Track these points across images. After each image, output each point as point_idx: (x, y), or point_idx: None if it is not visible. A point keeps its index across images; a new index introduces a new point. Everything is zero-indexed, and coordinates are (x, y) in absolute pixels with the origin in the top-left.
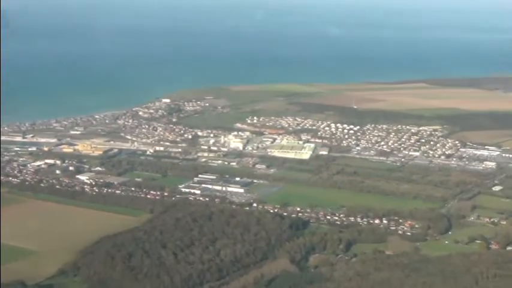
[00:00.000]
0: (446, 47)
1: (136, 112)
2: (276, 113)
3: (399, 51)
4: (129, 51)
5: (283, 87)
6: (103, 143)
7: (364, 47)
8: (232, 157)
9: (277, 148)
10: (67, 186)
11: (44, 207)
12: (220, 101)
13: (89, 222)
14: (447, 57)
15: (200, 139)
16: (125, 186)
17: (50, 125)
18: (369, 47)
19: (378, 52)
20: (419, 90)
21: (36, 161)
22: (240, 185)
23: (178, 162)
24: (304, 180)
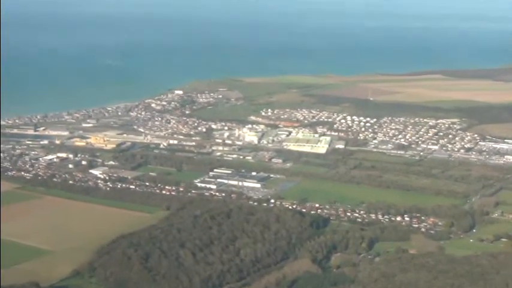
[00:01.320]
0: (454, 37)
1: (148, 104)
2: (291, 105)
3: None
4: (139, 41)
5: (297, 79)
6: (116, 136)
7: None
8: (247, 151)
9: (293, 141)
10: (80, 182)
11: (57, 204)
12: (233, 93)
13: (104, 220)
14: (457, 47)
15: (214, 132)
16: (139, 181)
17: (62, 117)
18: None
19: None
20: (434, 81)
21: (48, 154)
22: (257, 180)
23: (193, 156)
24: (321, 174)
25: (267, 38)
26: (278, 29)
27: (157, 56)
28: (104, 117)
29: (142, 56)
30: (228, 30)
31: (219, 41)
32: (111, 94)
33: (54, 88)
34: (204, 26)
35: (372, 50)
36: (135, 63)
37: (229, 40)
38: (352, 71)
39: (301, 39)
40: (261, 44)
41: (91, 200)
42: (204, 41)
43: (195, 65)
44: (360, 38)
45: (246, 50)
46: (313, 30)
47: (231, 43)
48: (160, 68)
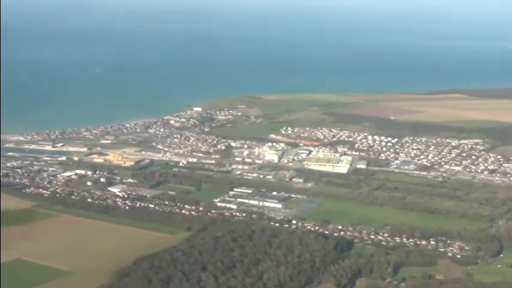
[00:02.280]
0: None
1: (167, 121)
2: (311, 123)
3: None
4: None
5: (317, 97)
6: (134, 153)
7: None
8: (267, 170)
9: (314, 161)
10: (99, 200)
11: (76, 223)
12: (252, 111)
13: (124, 241)
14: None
15: (234, 150)
16: (159, 200)
17: (80, 133)
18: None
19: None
20: (456, 101)
21: (66, 171)
22: (278, 200)
23: (212, 175)
24: (343, 195)
25: (286, 54)
26: (297, 46)
27: (177, 72)
28: (123, 134)
29: (162, 72)
30: (247, 46)
31: (238, 57)
32: (130, 110)
33: (73, 103)
34: (224, 43)
35: (392, 68)
36: (154, 79)
37: (248, 56)
38: (372, 89)
39: (320, 56)
40: (281, 60)
41: (110, 219)
42: (223, 57)
43: (214, 81)
44: (380, 55)
45: (265, 66)
46: (332, 47)
47: (250, 59)
48: (179, 84)
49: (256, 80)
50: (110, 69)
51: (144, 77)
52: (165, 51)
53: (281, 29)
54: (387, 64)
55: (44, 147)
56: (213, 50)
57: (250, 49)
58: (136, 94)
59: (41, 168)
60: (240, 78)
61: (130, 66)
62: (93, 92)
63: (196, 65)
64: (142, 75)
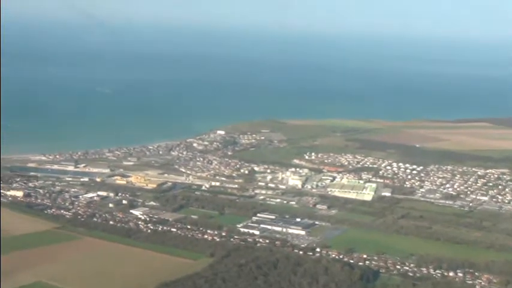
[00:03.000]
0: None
1: (190, 144)
2: (335, 149)
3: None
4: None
5: (341, 123)
6: (157, 175)
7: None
8: (291, 195)
9: (338, 187)
10: (121, 222)
11: (98, 246)
12: (276, 135)
13: (145, 265)
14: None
15: (257, 175)
16: (181, 224)
17: (103, 154)
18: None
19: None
20: (482, 129)
21: (88, 192)
22: (301, 227)
23: (235, 199)
24: (367, 223)
25: (309, 79)
26: (320, 71)
27: (200, 94)
28: (145, 156)
29: (185, 94)
30: (271, 70)
31: (261, 81)
32: (152, 132)
33: (95, 124)
34: (248, 66)
35: (417, 95)
36: (177, 101)
37: (271, 80)
38: (396, 116)
39: (343, 81)
40: (304, 85)
41: (132, 243)
42: (247, 81)
43: (238, 105)
44: (404, 82)
45: (288, 91)
46: (356, 73)
47: (273, 84)
48: (203, 106)
49: (280, 105)
50: (131, 90)
51: (167, 99)
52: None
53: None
54: (411, 91)
55: (66, 168)
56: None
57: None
58: (158, 116)
59: (63, 188)
60: (263, 102)
61: (152, 88)
62: (115, 113)
63: (219, 87)
64: (164, 96)
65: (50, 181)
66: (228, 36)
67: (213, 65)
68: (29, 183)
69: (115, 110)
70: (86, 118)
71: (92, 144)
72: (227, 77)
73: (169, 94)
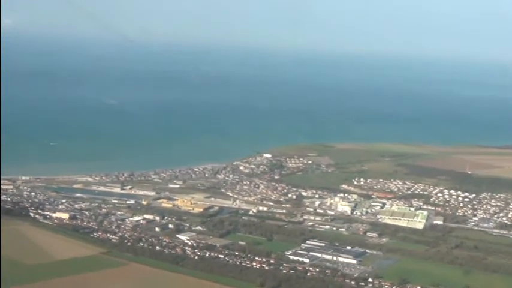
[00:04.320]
0: None
1: (237, 166)
2: (384, 175)
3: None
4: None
5: (389, 147)
6: (203, 199)
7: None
8: (340, 222)
9: (388, 214)
10: (168, 247)
11: (145, 273)
12: (323, 159)
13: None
14: None
15: (305, 200)
16: (228, 250)
17: (149, 176)
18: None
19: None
20: None
21: (134, 215)
22: (352, 255)
23: (283, 225)
24: (420, 253)
25: (356, 102)
26: (367, 94)
27: (245, 116)
28: (191, 179)
29: (230, 116)
30: (318, 93)
31: (308, 104)
32: (198, 154)
33: (141, 145)
34: (294, 89)
35: (466, 120)
36: (223, 123)
37: (318, 104)
38: (446, 141)
39: (390, 105)
40: (351, 109)
41: (180, 270)
42: (293, 104)
43: (284, 128)
44: (452, 106)
45: (335, 114)
46: (402, 96)
47: (320, 107)
48: (249, 129)
49: (325, 127)
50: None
51: (212, 121)
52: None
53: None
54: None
55: (112, 190)
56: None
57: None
58: (203, 138)
59: (109, 211)
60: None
61: (197, 109)
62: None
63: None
64: (209, 118)
65: (96, 203)
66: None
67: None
68: (75, 205)
69: (159, 130)
70: (130, 138)
71: (137, 165)
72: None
73: (214, 116)
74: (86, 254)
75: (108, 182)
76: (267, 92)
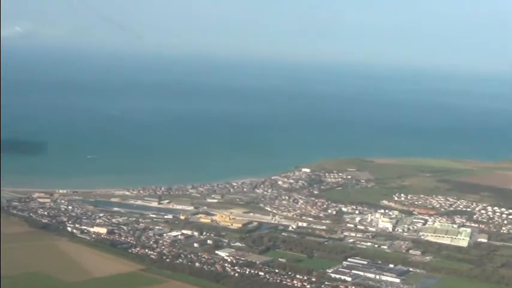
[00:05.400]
0: None
1: (275, 181)
2: (425, 190)
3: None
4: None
5: (429, 162)
6: (242, 214)
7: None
8: (382, 239)
9: (431, 231)
10: (207, 264)
11: None
12: (363, 174)
13: None
14: None
15: (345, 216)
16: (268, 267)
17: (186, 190)
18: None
19: None
20: None
21: (172, 230)
22: (396, 274)
23: (324, 242)
24: (465, 272)
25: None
26: (405, 107)
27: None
28: (229, 193)
29: (269, 130)
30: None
31: (345, 117)
32: (236, 168)
33: (180, 158)
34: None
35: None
36: (261, 136)
37: (356, 117)
38: (487, 156)
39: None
40: (390, 122)
41: None
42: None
43: (322, 141)
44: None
45: (374, 128)
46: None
47: (358, 120)
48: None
49: (363, 142)
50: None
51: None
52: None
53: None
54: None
55: (149, 204)
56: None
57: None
58: (241, 151)
59: (146, 226)
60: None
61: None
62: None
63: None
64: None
65: (133, 217)
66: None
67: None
68: (113, 219)
69: (197, 143)
70: (167, 152)
71: (175, 179)
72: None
73: (251, 129)
74: (124, 271)
75: (145, 196)
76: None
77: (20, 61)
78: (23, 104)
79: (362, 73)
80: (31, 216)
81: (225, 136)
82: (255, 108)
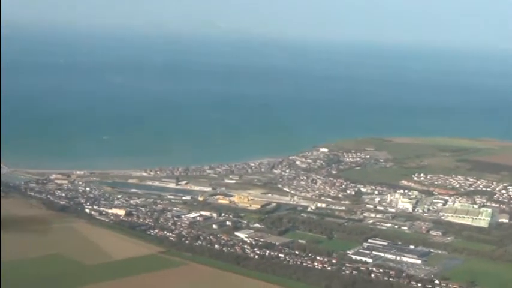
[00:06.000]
0: None
1: (293, 161)
2: (444, 170)
3: None
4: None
5: (449, 141)
6: (260, 195)
7: None
8: (402, 220)
9: (451, 212)
10: (226, 246)
11: (207, 275)
12: (381, 154)
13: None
14: None
15: (364, 196)
16: (288, 249)
17: (204, 171)
18: None
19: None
20: None
21: (191, 212)
22: (417, 255)
23: (343, 223)
24: (487, 253)
25: (413, 95)
26: (424, 87)
27: (301, 110)
28: (247, 174)
29: (286, 110)
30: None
31: (363, 97)
32: (254, 148)
33: (198, 139)
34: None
35: None
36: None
37: (373, 97)
38: (506, 135)
39: (448, 97)
40: (407, 101)
41: (241, 271)
42: (349, 97)
43: (340, 121)
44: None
45: (392, 107)
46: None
47: (375, 100)
48: (304, 123)
49: (381, 121)
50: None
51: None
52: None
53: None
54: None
55: (167, 185)
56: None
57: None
58: (258, 131)
59: (165, 207)
60: (364, 118)
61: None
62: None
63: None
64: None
65: (151, 199)
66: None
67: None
68: (131, 201)
69: (213, 124)
70: (184, 132)
71: (192, 159)
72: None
73: (269, 109)
74: (144, 253)
75: (163, 177)
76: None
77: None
78: (40, 85)
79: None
80: (49, 198)
81: (241, 117)
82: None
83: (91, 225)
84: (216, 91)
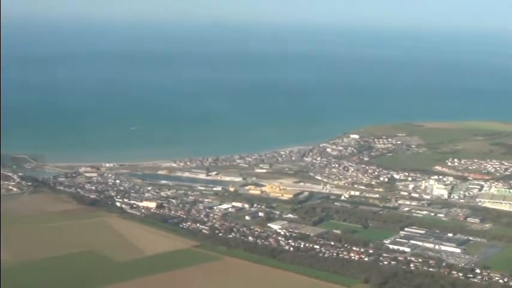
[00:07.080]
0: None
1: (324, 149)
2: (478, 155)
3: None
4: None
5: (482, 125)
6: (292, 184)
7: None
8: (438, 207)
9: (488, 198)
10: (260, 238)
11: (243, 269)
12: (413, 139)
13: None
14: None
15: (397, 183)
16: (323, 240)
17: (234, 161)
18: None
19: None
20: None
21: (222, 203)
22: (455, 244)
23: (378, 211)
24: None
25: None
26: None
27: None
28: (277, 162)
29: (313, 96)
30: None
31: (392, 81)
32: (283, 136)
33: (226, 128)
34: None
35: None
36: (305, 102)
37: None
38: None
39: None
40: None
41: (278, 265)
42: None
43: (369, 107)
44: None
45: (422, 91)
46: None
47: (405, 83)
48: (334, 109)
49: (412, 105)
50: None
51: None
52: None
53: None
54: None
55: (197, 176)
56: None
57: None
58: (287, 118)
59: (196, 199)
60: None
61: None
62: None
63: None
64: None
65: (182, 190)
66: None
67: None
68: (161, 193)
69: (240, 111)
70: (212, 121)
71: (222, 149)
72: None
73: (296, 95)
74: (178, 248)
75: (192, 168)
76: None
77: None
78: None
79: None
80: (79, 192)
81: (270, 104)
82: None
83: (122, 219)
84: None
